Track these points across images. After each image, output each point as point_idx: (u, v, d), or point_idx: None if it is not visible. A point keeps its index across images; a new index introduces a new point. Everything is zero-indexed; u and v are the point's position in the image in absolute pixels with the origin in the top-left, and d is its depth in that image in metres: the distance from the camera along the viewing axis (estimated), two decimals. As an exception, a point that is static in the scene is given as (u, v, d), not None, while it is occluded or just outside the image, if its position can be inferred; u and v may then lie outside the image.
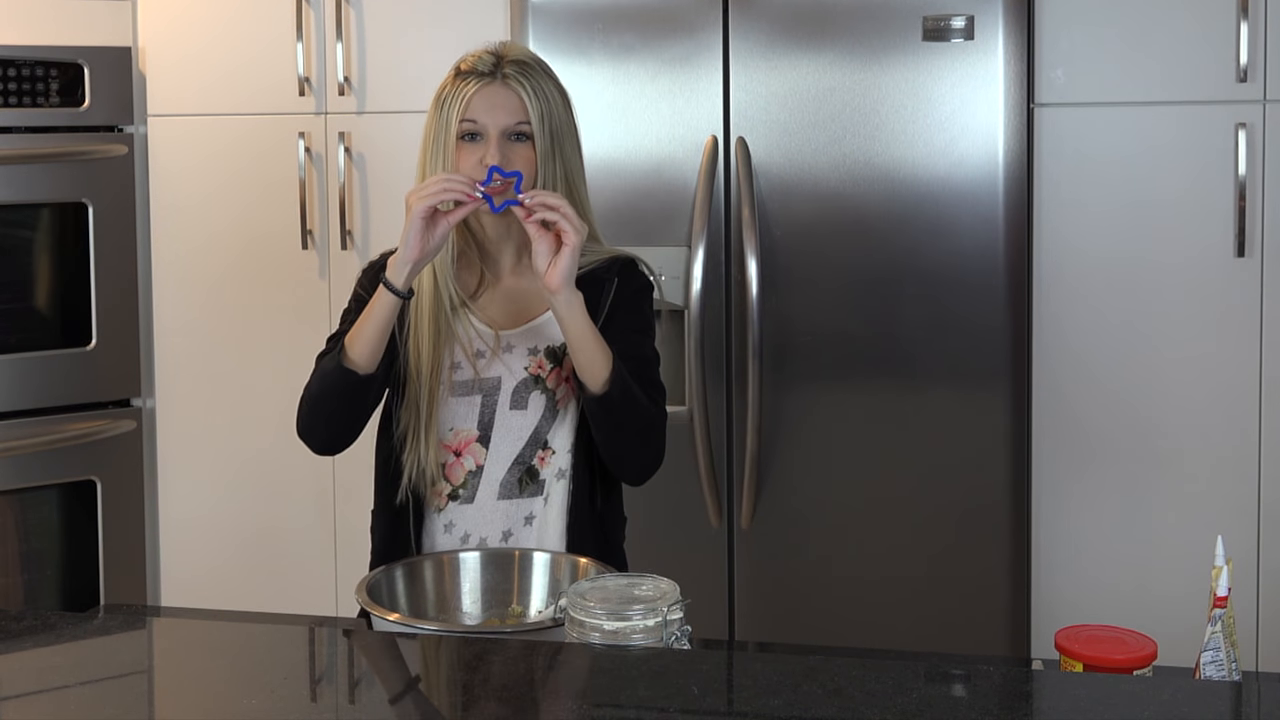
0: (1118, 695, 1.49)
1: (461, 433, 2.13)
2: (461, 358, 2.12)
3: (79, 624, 1.82)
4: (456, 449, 2.13)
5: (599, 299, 2.12)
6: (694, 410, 3.02)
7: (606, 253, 2.18)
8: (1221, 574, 1.64)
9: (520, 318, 2.16)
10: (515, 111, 2.08)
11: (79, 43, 3.44)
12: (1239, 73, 2.91)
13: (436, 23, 3.33)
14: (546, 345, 2.14)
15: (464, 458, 2.13)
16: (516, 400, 2.12)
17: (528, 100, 2.08)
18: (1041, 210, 3.03)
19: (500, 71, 2.08)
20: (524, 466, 2.13)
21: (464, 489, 2.13)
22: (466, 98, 2.07)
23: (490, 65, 2.09)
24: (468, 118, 2.07)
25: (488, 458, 2.12)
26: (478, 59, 2.10)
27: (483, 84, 2.08)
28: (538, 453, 2.13)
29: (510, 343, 2.14)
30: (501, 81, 2.08)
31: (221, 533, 3.54)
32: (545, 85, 2.10)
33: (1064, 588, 3.06)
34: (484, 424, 2.13)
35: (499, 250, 2.17)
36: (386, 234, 3.37)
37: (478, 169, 2.05)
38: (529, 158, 2.08)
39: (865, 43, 2.98)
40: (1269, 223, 2.94)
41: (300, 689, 1.59)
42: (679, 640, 1.68)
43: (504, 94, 2.08)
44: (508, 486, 2.12)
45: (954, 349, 2.98)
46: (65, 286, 3.48)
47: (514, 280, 2.18)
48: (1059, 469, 3.06)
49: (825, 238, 3.02)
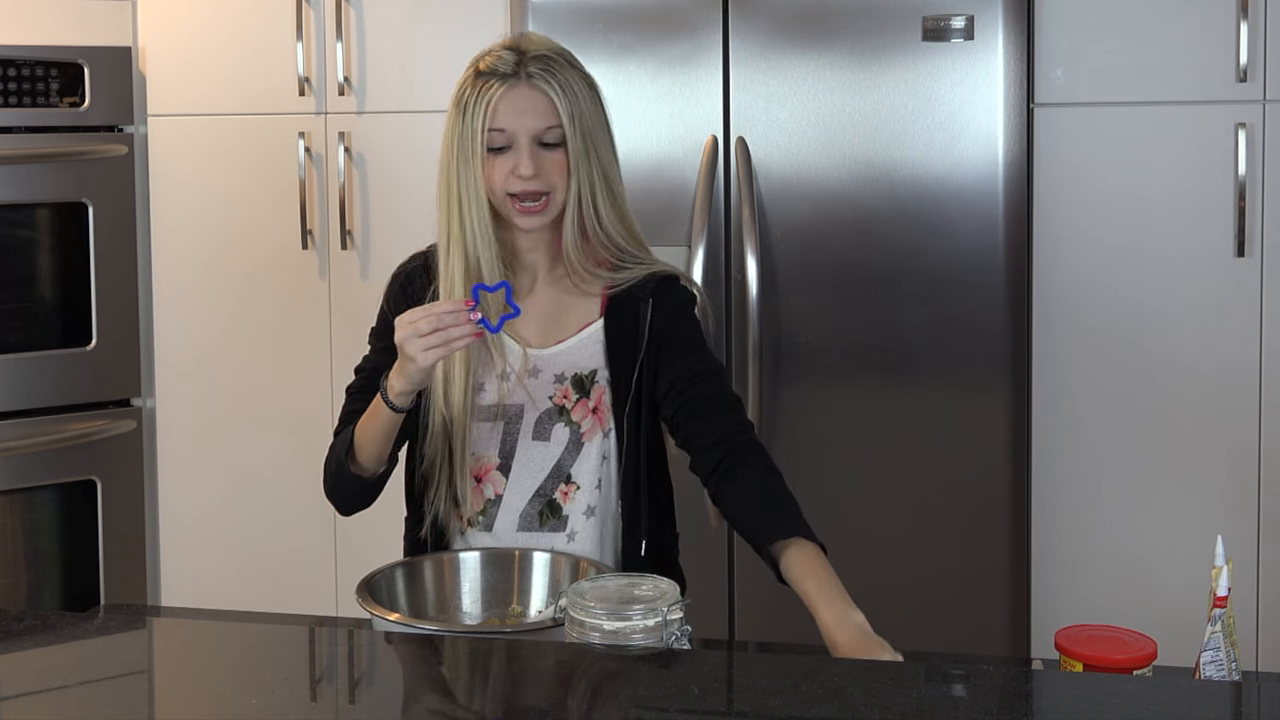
0: (1118, 695, 1.49)
1: (483, 459, 2.04)
2: (486, 378, 2.03)
3: (79, 624, 1.82)
4: (477, 474, 2.05)
5: (635, 325, 2.01)
6: (694, 410, 3.01)
7: (647, 267, 2.05)
8: (1221, 574, 1.64)
9: (550, 336, 2.05)
10: (545, 114, 1.94)
11: (79, 43, 3.44)
12: (1239, 73, 2.91)
13: (436, 23, 3.33)
14: (574, 374, 2.03)
15: (484, 485, 2.05)
16: (539, 431, 2.03)
17: (557, 100, 1.94)
18: (1041, 210, 3.02)
19: (524, 70, 1.94)
20: (545, 499, 2.03)
21: (484, 515, 2.05)
22: (491, 103, 1.93)
23: (512, 64, 1.95)
24: (495, 127, 1.94)
25: (507, 487, 2.04)
26: (497, 57, 1.96)
27: (507, 86, 1.94)
28: (560, 486, 2.03)
29: (537, 366, 2.04)
30: (527, 82, 1.94)
31: (221, 532, 3.54)
32: (572, 80, 1.97)
33: (1064, 588, 3.07)
34: (505, 452, 2.04)
35: (531, 259, 2.06)
36: (386, 234, 3.37)
37: (510, 180, 1.95)
38: (561, 163, 1.96)
39: (865, 43, 2.98)
40: (1269, 223, 2.94)
41: (300, 689, 1.59)
42: (679, 640, 1.68)
43: (531, 96, 1.94)
44: (528, 519, 2.04)
45: (954, 349, 2.98)
46: (65, 286, 3.48)
47: (547, 291, 2.06)
48: (1059, 469, 3.06)
49: (825, 238, 3.02)
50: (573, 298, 2.06)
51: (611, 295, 2.04)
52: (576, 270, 2.03)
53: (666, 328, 2.03)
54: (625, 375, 2.03)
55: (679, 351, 2.02)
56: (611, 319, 2.04)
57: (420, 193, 3.33)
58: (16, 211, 3.40)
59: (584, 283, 2.04)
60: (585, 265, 2.03)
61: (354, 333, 3.33)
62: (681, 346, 2.03)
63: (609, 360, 2.03)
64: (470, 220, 1.98)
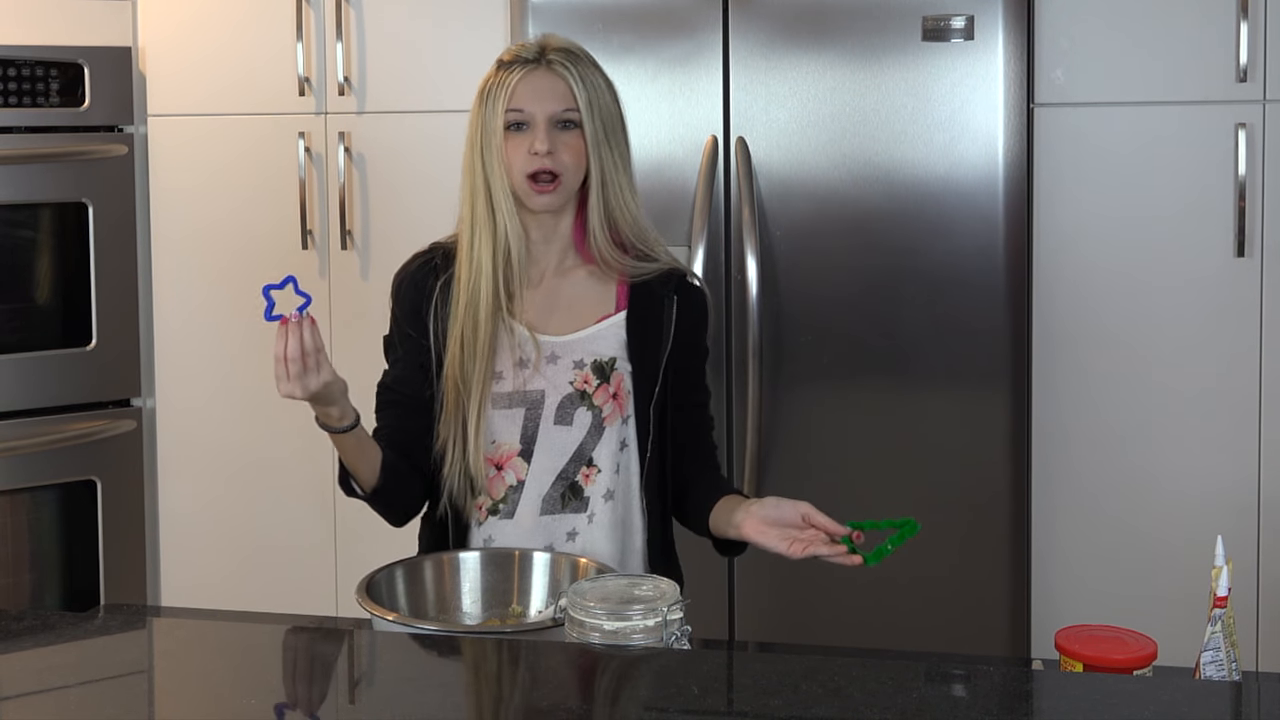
0: (1118, 695, 1.49)
1: (503, 446, 2.07)
2: (504, 366, 2.06)
3: (79, 624, 1.82)
4: (498, 462, 2.07)
5: (660, 319, 2.08)
6: (694, 410, 3.01)
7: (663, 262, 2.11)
8: (1221, 574, 1.64)
9: (565, 325, 2.09)
10: (563, 97, 2.01)
11: (79, 43, 3.43)
12: (1239, 73, 2.91)
13: (437, 23, 3.33)
14: (594, 359, 2.07)
15: (505, 472, 2.07)
16: (561, 416, 2.06)
17: (575, 86, 2.02)
18: (1041, 210, 3.02)
19: (545, 58, 2.03)
20: (567, 482, 2.07)
21: (504, 504, 2.07)
22: (511, 86, 2.01)
23: (535, 53, 2.03)
24: (513, 106, 2.01)
25: (529, 473, 2.07)
26: (521, 48, 2.05)
27: (527, 71, 2.02)
28: (581, 469, 2.07)
29: (555, 352, 2.07)
30: (547, 67, 2.02)
31: (221, 532, 3.54)
32: (592, 74, 2.04)
33: (1064, 588, 3.06)
34: (526, 438, 2.07)
35: (542, 250, 2.10)
36: (386, 234, 3.37)
37: (528, 159, 2.00)
38: (578, 146, 2.02)
39: (865, 43, 2.98)
40: (1269, 223, 2.94)
41: (300, 689, 1.59)
42: (679, 640, 1.68)
43: (550, 80, 2.02)
44: (550, 502, 2.07)
45: (954, 349, 2.98)
46: (65, 286, 3.48)
47: (557, 281, 2.10)
48: (1059, 469, 3.06)
49: (825, 238, 3.02)
50: (587, 287, 2.09)
51: (632, 286, 2.09)
52: (601, 252, 2.07)
53: (687, 337, 2.11)
54: (648, 368, 2.08)
55: (689, 368, 2.12)
56: (634, 312, 2.09)
57: (420, 192, 3.34)
58: (16, 211, 3.40)
59: (605, 267, 2.08)
60: (610, 250, 2.07)
61: (354, 332, 3.33)
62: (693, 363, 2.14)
63: (630, 351, 2.08)
64: (497, 201, 2.03)
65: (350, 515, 3.42)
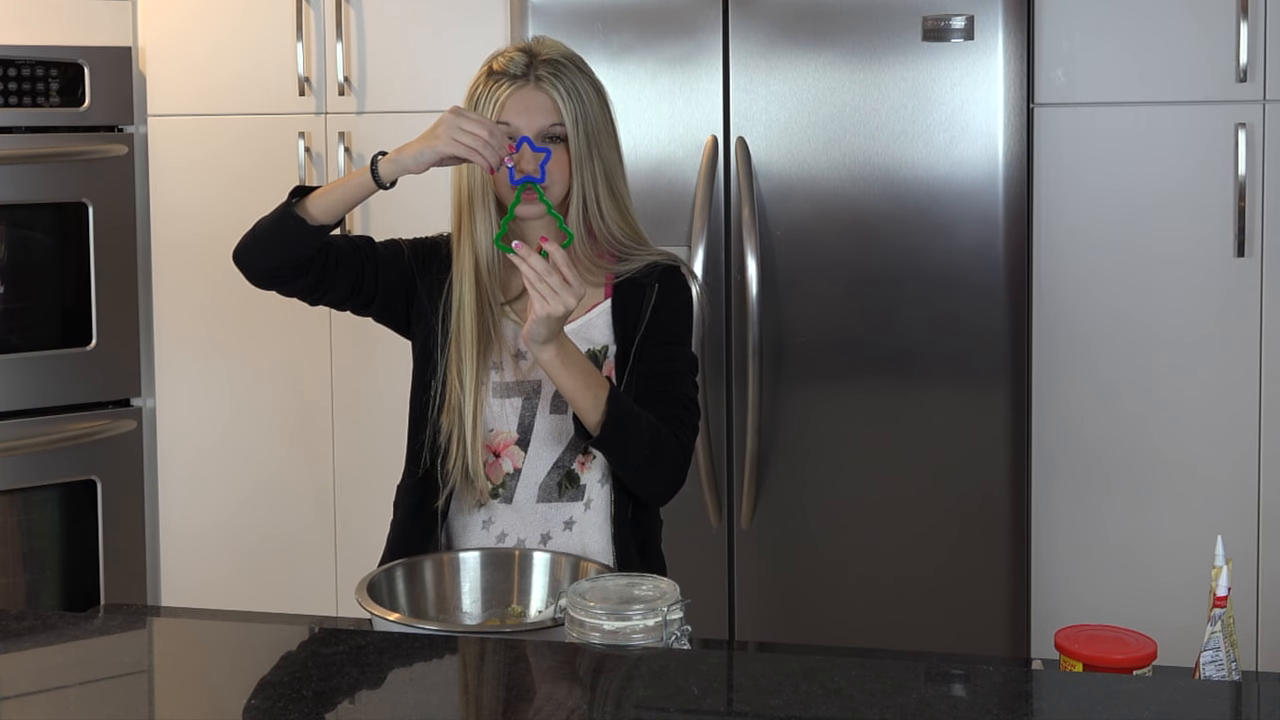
0: (1118, 695, 1.49)
1: (500, 434, 2.12)
2: (502, 358, 2.12)
3: (79, 624, 1.82)
4: (495, 449, 2.12)
5: (640, 307, 2.11)
6: (694, 410, 3.01)
7: (649, 256, 2.15)
8: (1221, 574, 1.64)
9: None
10: (549, 113, 2.06)
11: (79, 43, 3.44)
12: (1239, 73, 2.91)
13: (436, 23, 3.33)
14: (587, 349, 2.10)
15: (502, 459, 2.12)
16: (557, 405, 2.10)
17: (560, 102, 2.06)
18: (1041, 210, 3.03)
19: (533, 73, 2.06)
20: (564, 470, 2.12)
21: (503, 489, 2.11)
22: (500, 101, 2.06)
23: (522, 67, 2.07)
24: (501, 120, 2.05)
25: (526, 460, 2.11)
26: (509, 59, 2.08)
27: (515, 87, 2.06)
28: (578, 457, 2.12)
29: None
30: (535, 84, 2.06)
31: (221, 533, 3.54)
32: (579, 84, 2.08)
33: (1064, 588, 3.06)
34: (523, 427, 2.11)
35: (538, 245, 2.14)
36: (386, 234, 3.35)
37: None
38: (563, 161, 2.06)
39: (865, 43, 2.98)
40: (1269, 222, 2.94)
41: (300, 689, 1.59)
42: (679, 640, 1.68)
43: (537, 97, 2.06)
44: (547, 490, 2.11)
45: (954, 349, 2.98)
46: (65, 286, 3.48)
47: None
48: (1059, 469, 3.06)
49: (825, 238, 3.02)
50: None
51: (616, 281, 2.14)
52: (581, 262, 2.10)
53: (660, 312, 2.13)
54: (627, 349, 2.12)
55: (660, 342, 2.12)
56: (619, 300, 2.13)
57: (420, 192, 3.34)
58: (16, 211, 3.40)
59: (589, 273, 2.12)
60: (590, 259, 2.12)
61: (353, 332, 3.33)
62: (663, 338, 2.12)
63: (616, 337, 2.13)
64: (479, 213, 2.09)
65: (350, 515, 3.42)
